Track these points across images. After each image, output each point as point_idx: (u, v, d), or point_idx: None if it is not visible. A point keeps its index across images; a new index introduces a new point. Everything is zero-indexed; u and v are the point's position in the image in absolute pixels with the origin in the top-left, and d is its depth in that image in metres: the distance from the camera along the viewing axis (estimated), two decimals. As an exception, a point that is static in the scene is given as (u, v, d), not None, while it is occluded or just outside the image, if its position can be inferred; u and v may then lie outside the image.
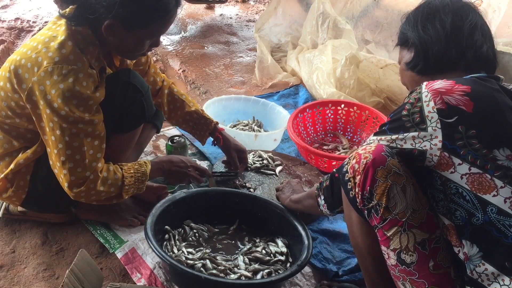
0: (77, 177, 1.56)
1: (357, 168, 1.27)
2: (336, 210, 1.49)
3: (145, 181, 1.72)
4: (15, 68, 1.55)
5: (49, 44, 1.52)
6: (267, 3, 5.15)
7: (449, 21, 1.35)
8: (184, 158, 1.92)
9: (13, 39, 3.68)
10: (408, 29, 1.42)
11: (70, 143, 1.53)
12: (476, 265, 1.18)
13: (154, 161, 1.81)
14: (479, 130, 1.16)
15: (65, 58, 1.50)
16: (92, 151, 1.57)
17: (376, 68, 2.99)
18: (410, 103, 1.25)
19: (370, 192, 1.25)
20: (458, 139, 1.17)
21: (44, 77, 1.49)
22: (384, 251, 1.28)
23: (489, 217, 1.16)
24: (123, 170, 1.67)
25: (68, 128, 1.52)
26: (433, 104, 1.20)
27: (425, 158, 1.22)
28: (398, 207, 1.22)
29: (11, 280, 1.66)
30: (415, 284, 1.24)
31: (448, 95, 1.19)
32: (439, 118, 1.19)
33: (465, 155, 1.17)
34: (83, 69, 1.51)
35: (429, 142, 1.21)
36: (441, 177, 1.22)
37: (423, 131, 1.21)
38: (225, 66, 3.62)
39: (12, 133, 1.67)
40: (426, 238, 1.22)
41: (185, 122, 2.06)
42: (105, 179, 1.60)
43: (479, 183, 1.16)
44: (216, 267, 1.61)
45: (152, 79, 1.99)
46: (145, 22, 1.53)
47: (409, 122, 1.24)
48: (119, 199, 1.68)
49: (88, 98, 1.52)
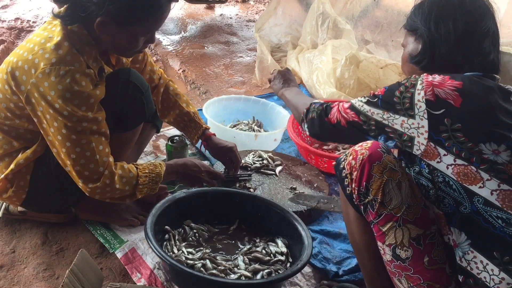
0: (91, 172, 1.56)
1: (353, 164, 1.30)
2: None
3: (159, 182, 1.72)
4: (12, 70, 1.54)
5: (45, 45, 1.51)
6: (267, 3, 5.15)
7: (462, 23, 1.33)
8: (199, 162, 1.91)
9: (13, 39, 3.69)
10: (420, 19, 1.40)
11: (78, 140, 1.53)
12: (465, 253, 1.20)
13: (169, 164, 1.80)
14: (465, 124, 1.18)
15: (61, 59, 1.49)
16: (102, 147, 1.57)
17: (376, 68, 3.00)
18: (405, 86, 1.27)
19: (366, 188, 1.27)
20: (443, 131, 1.20)
21: (42, 78, 1.49)
22: (380, 247, 1.29)
23: (476, 207, 1.18)
24: (138, 169, 1.67)
25: (73, 127, 1.52)
26: (423, 94, 1.23)
27: (413, 145, 1.25)
28: (393, 202, 1.24)
29: (11, 280, 1.66)
30: (411, 280, 1.25)
31: (439, 88, 1.22)
32: (426, 108, 1.22)
33: (449, 147, 1.19)
34: (80, 69, 1.51)
35: (416, 130, 1.24)
36: (429, 166, 1.25)
37: (411, 118, 1.24)
38: (225, 66, 3.63)
39: (11, 133, 1.67)
40: (421, 233, 1.24)
41: (176, 123, 2.07)
42: (121, 177, 1.61)
43: (464, 174, 1.18)
44: (216, 267, 1.60)
45: (148, 76, 1.98)
46: (137, 18, 1.51)
47: (399, 105, 1.27)
48: (132, 198, 1.68)
49: (88, 96, 1.52)
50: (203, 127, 2.06)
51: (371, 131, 1.35)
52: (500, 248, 1.15)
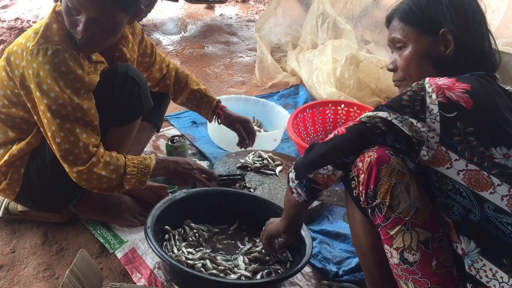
0: (76, 157, 1.56)
1: (360, 166, 1.26)
2: (304, 178, 1.35)
3: (148, 174, 1.70)
4: (8, 56, 1.58)
5: (38, 30, 1.55)
6: (267, 3, 5.15)
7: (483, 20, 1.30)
8: (191, 160, 1.92)
9: (13, 39, 3.68)
10: (442, 16, 1.30)
11: (61, 125, 1.54)
12: (474, 261, 1.18)
13: (160, 159, 1.79)
14: (477, 127, 1.16)
15: (49, 39, 1.52)
16: (86, 135, 1.57)
17: (376, 68, 3.00)
18: (413, 91, 1.22)
19: (374, 191, 1.24)
20: (456, 135, 1.16)
21: (30, 60, 1.51)
22: (387, 250, 1.27)
23: (486, 214, 1.15)
24: (126, 158, 1.67)
25: (57, 110, 1.52)
26: (435, 97, 1.18)
27: (420, 149, 1.20)
28: (402, 206, 1.22)
29: (11, 280, 1.66)
30: (418, 283, 1.23)
31: (450, 91, 1.18)
32: (439, 111, 1.17)
33: (462, 151, 1.16)
34: (68, 50, 1.52)
35: (427, 133, 1.19)
36: (436, 173, 1.21)
37: (421, 121, 1.19)
38: (225, 66, 3.63)
39: (7, 122, 1.68)
40: (429, 237, 1.22)
41: (190, 101, 2.12)
42: (107, 164, 1.60)
43: (476, 179, 1.16)
44: (216, 267, 1.61)
45: (158, 66, 2.03)
46: None
47: (408, 108, 1.21)
48: (120, 189, 1.67)
49: (74, 79, 1.53)
50: (216, 100, 2.13)
51: (377, 128, 1.23)
52: (510, 254, 1.13)
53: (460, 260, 1.22)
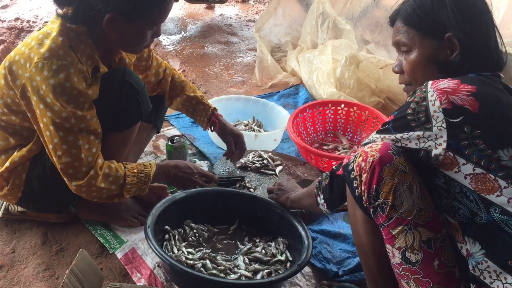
0: (75, 170, 1.56)
1: (363, 166, 1.26)
2: (336, 209, 1.49)
3: (148, 182, 1.71)
4: (10, 65, 1.56)
5: (42, 41, 1.53)
6: (267, 3, 5.15)
7: (490, 19, 1.28)
8: (191, 164, 1.92)
9: (13, 39, 3.68)
10: (446, 19, 1.28)
11: (64, 138, 1.53)
12: (478, 262, 1.18)
13: (160, 165, 1.79)
14: (484, 130, 1.15)
15: (54, 53, 1.50)
16: (88, 146, 1.57)
17: (376, 68, 3.00)
18: (416, 102, 1.22)
19: (377, 190, 1.24)
20: (463, 139, 1.16)
21: (35, 72, 1.50)
22: (388, 250, 1.27)
23: (493, 217, 1.15)
24: (126, 168, 1.66)
25: (61, 123, 1.52)
26: (439, 104, 1.17)
27: (430, 158, 1.21)
28: (404, 206, 1.22)
29: (11, 280, 1.66)
30: (420, 283, 1.23)
31: (454, 95, 1.17)
32: (445, 118, 1.17)
33: (469, 155, 1.16)
34: (73, 64, 1.52)
35: (434, 141, 1.19)
36: (445, 176, 1.21)
37: (428, 130, 1.19)
38: (225, 66, 3.62)
39: (8, 130, 1.67)
40: (432, 237, 1.22)
41: (185, 108, 2.09)
42: (107, 176, 1.60)
43: (482, 183, 1.15)
44: (216, 267, 1.61)
45: (154, 71, 2.01)
46: (144, 11, 1.53)
47: (414, 121, 1.22)
48: (120, 198, 1.67)
49: (78, 94, 1.52)
50: (211, 108, 2.11)
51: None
52: None
53: (462, 260, 1.22)
